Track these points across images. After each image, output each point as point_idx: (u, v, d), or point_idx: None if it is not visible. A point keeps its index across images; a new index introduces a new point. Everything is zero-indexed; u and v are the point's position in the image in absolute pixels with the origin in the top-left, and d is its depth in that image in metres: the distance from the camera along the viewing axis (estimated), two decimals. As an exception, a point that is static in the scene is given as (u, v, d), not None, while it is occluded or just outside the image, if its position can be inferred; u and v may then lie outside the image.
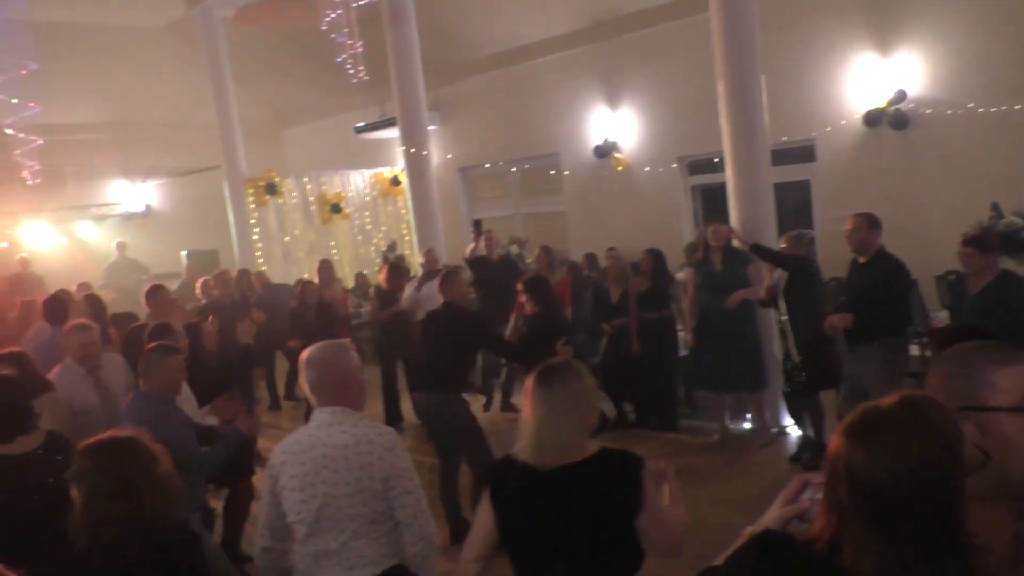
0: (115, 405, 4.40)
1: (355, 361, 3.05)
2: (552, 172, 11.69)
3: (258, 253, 11.65)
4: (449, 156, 12.67)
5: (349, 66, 7.85)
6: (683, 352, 7.14)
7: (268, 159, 13.06)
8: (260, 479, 4.50)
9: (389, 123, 11.89)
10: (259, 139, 13.59)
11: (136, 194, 14.91)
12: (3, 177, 12.18)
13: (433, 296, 6.30)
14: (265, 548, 2.98)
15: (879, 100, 8.33)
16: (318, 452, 2.84)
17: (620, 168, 10.81)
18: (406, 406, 7.60)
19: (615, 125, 10.84)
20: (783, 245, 6.22)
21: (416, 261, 12.03)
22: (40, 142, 9.95)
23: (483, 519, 2.54)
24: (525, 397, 2.48)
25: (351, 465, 2.79)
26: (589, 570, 2.42)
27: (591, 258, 9.85)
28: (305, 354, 3.01)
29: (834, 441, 1.35)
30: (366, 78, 7.98)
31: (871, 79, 8.42)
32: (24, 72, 8.41)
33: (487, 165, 12.64)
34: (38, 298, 7.32)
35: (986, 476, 1.38)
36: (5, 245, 13.00)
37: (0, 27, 7.73)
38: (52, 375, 4.53)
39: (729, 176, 6.72)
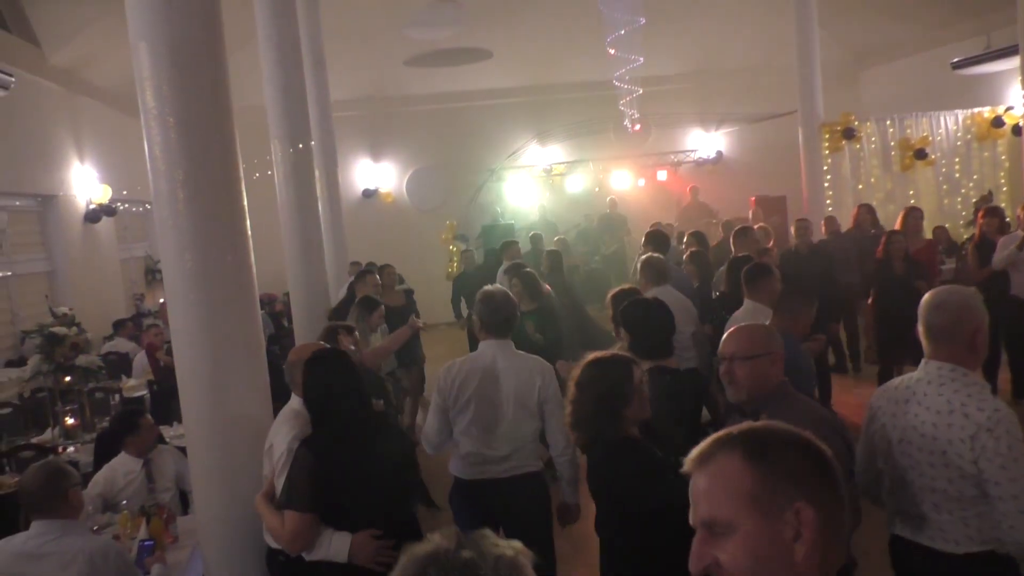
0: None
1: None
2: None
3: (828, 201, 11.24)
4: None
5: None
6: None
7: (843, 102, 12.42)
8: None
9: (997, 54, 10.31)
10: (835, 82, 12.96)
11: (709, 141, 15.64)
12: (602, 126, 13.88)
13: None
14: (856, 473, 2.83)
15: None
16: (912, 411, 2.59)
17: None
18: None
19: None
20: None
21: (1016, 215, 10.32)
22: (640, 92, 10.97)
23: None
24: None
25: (939, 435, 2.50)
26: None
27: None
28: (931, 294, 2.69)
29: None
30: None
31: None
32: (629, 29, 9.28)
33: None
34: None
35: None
36: (596, 189, 14.83)
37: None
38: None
39: None
